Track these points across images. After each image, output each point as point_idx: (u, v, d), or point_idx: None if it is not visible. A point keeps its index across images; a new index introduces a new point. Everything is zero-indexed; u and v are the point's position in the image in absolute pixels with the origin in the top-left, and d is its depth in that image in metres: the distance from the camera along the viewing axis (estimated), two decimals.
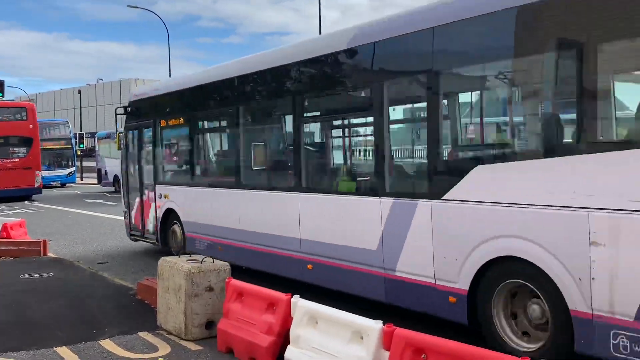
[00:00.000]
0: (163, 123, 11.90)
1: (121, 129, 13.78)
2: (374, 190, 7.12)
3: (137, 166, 12.77)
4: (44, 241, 12.87)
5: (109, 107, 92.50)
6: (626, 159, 4.72)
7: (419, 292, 6.46)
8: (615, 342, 4.78)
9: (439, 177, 6.37)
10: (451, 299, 6.07)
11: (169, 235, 11.60)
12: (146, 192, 12.30)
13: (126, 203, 13.30)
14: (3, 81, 28.00)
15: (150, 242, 12.51)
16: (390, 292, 6.84)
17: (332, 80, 7.99)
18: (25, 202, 28.24)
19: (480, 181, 5.84)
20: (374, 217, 6.93)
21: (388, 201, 6.79)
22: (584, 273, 4.94)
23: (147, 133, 12.34)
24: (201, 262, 6.90)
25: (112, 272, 10.86)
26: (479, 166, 5.93)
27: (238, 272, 7.79)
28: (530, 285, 5.45)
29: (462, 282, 5.97)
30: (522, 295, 5.65)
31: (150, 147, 12.17)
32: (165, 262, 7.22)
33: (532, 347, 5.50)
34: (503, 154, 6.22)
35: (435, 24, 6.30)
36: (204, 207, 10.35)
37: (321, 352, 5.16)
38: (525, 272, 5.44)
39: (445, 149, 6.74)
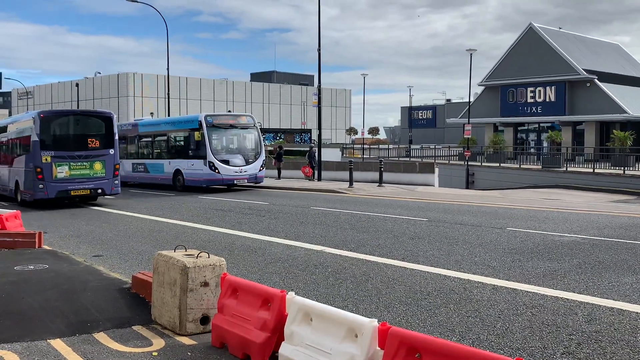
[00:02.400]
0: None
1: None
2: (5, 164, 24.66)
3: None
4: (39, 233, 12.85)
5: (106, 100, 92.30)
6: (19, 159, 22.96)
7: (17, 193, 23.05)
8: (23, 195, 22.05)
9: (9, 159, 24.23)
10: (16, 191, 23.03)
11: None
12: None
13: None
14: (0, 73, 28.48)
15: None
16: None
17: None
18: None
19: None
20: (6, 172, 24.21)
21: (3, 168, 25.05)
22: (19, 182, 22.60)
23: None
24: (197, 257, 6.90)
25: (107, 265, 10.87)
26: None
27: (229, 270, 7.77)
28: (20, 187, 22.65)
29: (14, 186, 23.06)
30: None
31: None
32: (160, 256, 7.21)
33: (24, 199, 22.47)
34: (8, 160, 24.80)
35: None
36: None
37: (315, 349, 5.16)
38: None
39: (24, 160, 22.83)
